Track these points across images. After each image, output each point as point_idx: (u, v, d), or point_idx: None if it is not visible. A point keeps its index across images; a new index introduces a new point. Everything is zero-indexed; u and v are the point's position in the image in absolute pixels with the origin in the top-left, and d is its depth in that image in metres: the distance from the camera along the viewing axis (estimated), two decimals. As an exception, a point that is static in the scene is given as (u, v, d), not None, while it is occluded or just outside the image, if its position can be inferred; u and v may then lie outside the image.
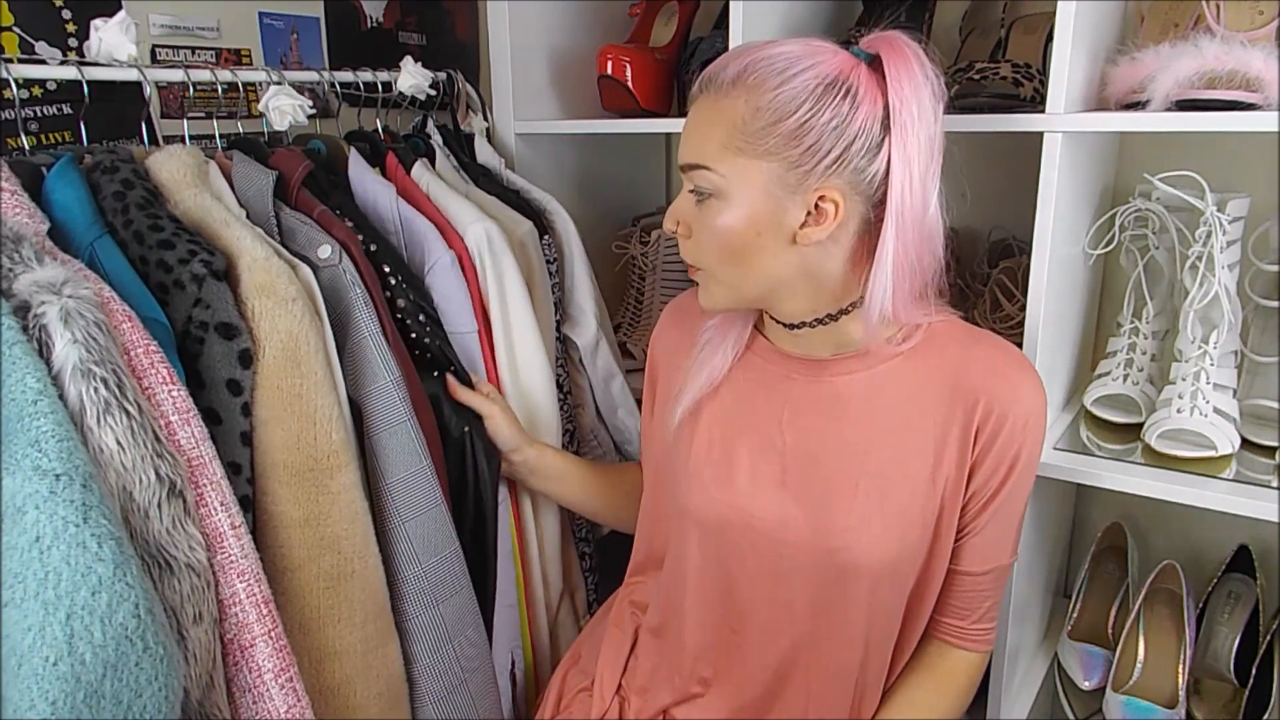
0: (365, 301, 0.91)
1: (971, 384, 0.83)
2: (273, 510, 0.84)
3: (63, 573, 0.63)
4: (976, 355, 0.85)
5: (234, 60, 1.31)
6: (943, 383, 0.84)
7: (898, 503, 0.84)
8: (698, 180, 0.80)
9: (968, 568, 0.89)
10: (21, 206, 0.76)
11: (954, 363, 0.85)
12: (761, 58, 0.78)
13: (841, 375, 0.87)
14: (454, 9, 1.64)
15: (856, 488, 0.84)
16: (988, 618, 0.92)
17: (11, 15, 1.06)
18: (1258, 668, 1.13)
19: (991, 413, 0.83)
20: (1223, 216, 1.00)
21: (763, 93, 0.77)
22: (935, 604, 0.91)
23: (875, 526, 0.84)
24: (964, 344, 0.86)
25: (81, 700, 0.63)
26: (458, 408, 1.01)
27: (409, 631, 0.94)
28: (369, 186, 1.07)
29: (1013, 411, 0.83)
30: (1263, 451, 1.03)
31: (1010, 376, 0.84)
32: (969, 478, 0.85)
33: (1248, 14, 0.96)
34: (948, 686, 0.92)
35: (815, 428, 0.87)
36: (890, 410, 0.85)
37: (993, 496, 0.85)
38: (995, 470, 0.84)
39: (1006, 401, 0.83)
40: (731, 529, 0.88)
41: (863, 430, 0.85)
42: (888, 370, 0.86)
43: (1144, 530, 1.38)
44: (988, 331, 0.88)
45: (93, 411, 0.68)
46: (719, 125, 0.79)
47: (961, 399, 0.83)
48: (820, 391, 0.87)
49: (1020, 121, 0.97)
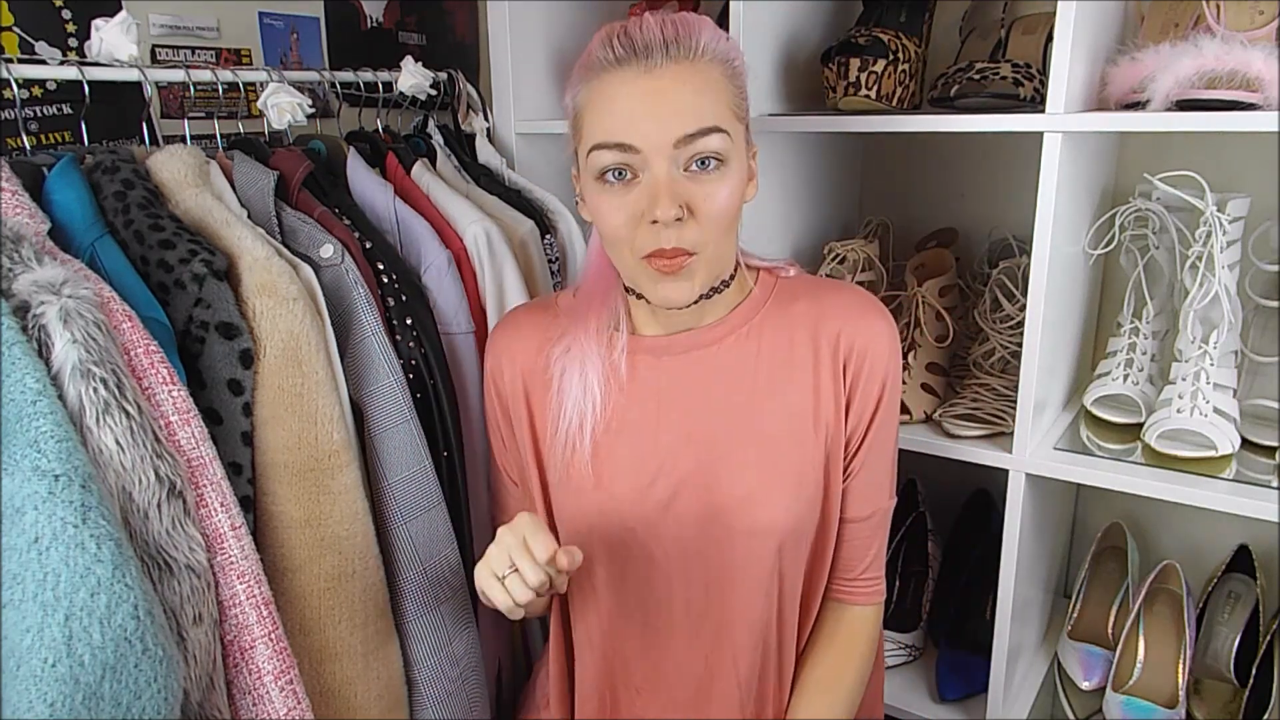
0: (368, 301, 0.91)
1: (831, 328, 0.86)
2: (273, 511, 0.84)
3: (61, 574, 0.63)
4: (830, 301, 0.88)
5: (234, 60, 1.31)
6: (805, 333, 0.86)
7: (789, 459, 0.85)
8: (707, 147, 0.75)
9: (853, 513, 0.90)
10: (22, 206, 0.76)
11: (809, 312, 0.87)
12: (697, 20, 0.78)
13: (714, 344, 0.87)
14: (454, 9, 1.64)
15: (748, 453, 0.85)
16: (874, 567, 0.93)
17: (11, 15, 1.06)
18: (1258, 668, 1.13)
19: (853, 350, 0.86)
20: (1223, 216, 1.00)
21: (730, 54, 0.79)
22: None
23: (772, 488, 0.85)
24: (813, 294, 0.89)
25: (80, 702, 0.62)
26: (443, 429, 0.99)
27: (410, 633, 0.94)
28: (367, 187, 1.07)
29: (872, 346, 0.86)
30: (1263, 451, 1.03)
31: (862, 315, 0.87)
32: (845, 417, 0.87)
33: (1248, 14, 0.96)
34: (851, 649, 0.92)
35: (698, 404, 0.87)
36: (765, 370, 0.86)
37: (866, 432, 0.88)
38: (865, 405, 0.87)
39: (866, 338, 0.86)
40: (632, 532, 0.87)
41: (744, 394, 0.86)
42: (754, 330, 0.87)
43: (1144, 530, 1.38)
44: (828, 278, 0.91)
45: (92, 412, 0.68)
46: (709, 88, 0.76)
47: (825, 344, 0.86)
48: (698, 365, 0.87)
49: (1020, 121, 0.97)
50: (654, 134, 0.74)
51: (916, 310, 1.24)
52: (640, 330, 0.89)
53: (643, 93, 0.75)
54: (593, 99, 0.77)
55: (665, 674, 0.91)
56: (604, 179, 0.77)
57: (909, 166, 1.46)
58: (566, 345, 0.88)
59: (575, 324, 0.88)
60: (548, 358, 0.89)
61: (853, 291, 0.90)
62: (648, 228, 0.76)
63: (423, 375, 0.97)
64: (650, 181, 0.75)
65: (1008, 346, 1.20)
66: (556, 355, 0.88)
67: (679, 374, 0.87)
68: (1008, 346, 1.20)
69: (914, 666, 1.32)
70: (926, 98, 1.16)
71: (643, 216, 0.76)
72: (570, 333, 0.88)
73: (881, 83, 1.10)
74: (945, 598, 1.37)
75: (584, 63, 0.79)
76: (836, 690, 0.91)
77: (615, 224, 0.77)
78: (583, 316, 0.88)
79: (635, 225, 0.77)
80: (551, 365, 0.89)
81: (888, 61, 1.10)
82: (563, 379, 0.87)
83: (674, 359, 0.88)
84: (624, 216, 0.77)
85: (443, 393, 0.99)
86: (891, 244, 1.40)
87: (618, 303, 0.89)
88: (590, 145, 0.77)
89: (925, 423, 1.19)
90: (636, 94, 0.75)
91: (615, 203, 0.77)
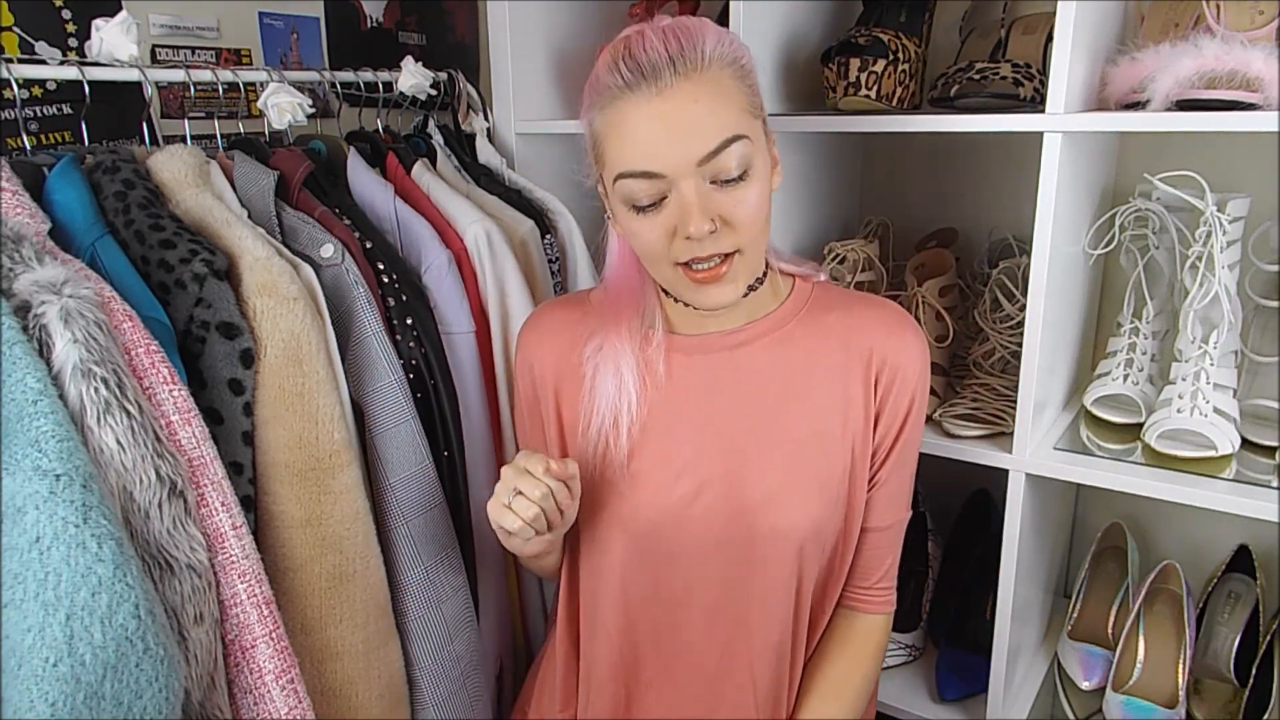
0: (368, 301, 0.91)
1: (863, 340, 0.87)
2: (274, 510, 0.84)
3: (63, 573, 0.63)
4: (862, 313, 0.89)
5: (234, 60, 1.31)
6: (837, 342, 0.88)
7: (814, 464, 0.86)
8: (734, 157, 0.75)
9: (873, 523, 0.91)
10: (23, 206, 0.76)
11: (842, 322, 0.88)
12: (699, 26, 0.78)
13: (746, 344, 0.88)
14: (454, 9, 1.64)
15: (774, 455, 0.86)
16: (889, 576, 0.95)
17: (11, 15, 1.06)
18: (1258, 668, 1.13)
19: (885, 363, 0.87)
20: (1223, 216, 1.00)
21: (737, 54, 0.78)
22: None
23: (796, 490, 0.85)
24: (847, 305, 0.90)
25: (81, 701, 0.62)
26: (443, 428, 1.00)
27: (411, 632, 0.94)
28: (367, 187, 1.07)
29: (903, 361, 0.87)
30: (1263, 451, 1.03)
31: (897, 330, 0.88)
32: (874, 429, 0.88)
33: (1248, 14, 0.96)
34: (861, 656, 0.94)
35: (727, 404, 0.87)
36: (795, 374, 0.87)
37: (893, 445, 0.89)
38: (894, 419, 0.88)
39: (897, 352, 0.87)
40: (655, 526, 0.87)
41: (773, 397, 0.87)
42: (786, 335, 0.88)
43: (1144, 530, 1.38)
44: (861, 292, 0.91)
45: (93, 411, 0.68)
46: (722, 96, 0.76)
47: (858, 355, 0.87)
48: (729, 366, 0.88)
49: (1020, 121, 0.97)
50: (676, 157, 0.74)
51: (916, 310, 1.24)
52: (674, 329, 0.90)
53: (658, 116, 0.75)
54: (610, 127, 0.77)
55: (678, 669, 0.91)
56: (634, 205, 0.78)
57: (909, 166, 1.46)
58: (599, 343, 0.88)
59: (608, 322, 0.89)
60: (580, 355, 0.89)
61: (887, 306, 0.91)
62: (683, 240, 0.77)
63: (423, 375, 0.97)
64: (679, 200, 0.76)
65: (1008, 346, 1.20)
66: (589, 353, 0.88)
67: (710, 373, 0.88)
68: (1008, 346, 1.20)
69: (914, 666, 1.32)
70: (926, 98, 1.16)
71: (676, 233, 0.77)
72: (602, 330, 0.88)
73: (881, 83, 1.10)
74: (945, 598, 1.37)
75: (593, 86, 0.79)
76: (844, 696, 0.92)
77: (650, 242, 0.79)
78: (615, 314, 0.89)
79: (670, 241, 0.78)
80: (585, 363, 0.89)
81: (888, 61, 1.10)
82: (596, 377, 0.88)
83: (706, 358, 0.88)
84: (658, 234, 0.78)
85: (443, 393, 0.99)
86: (891, 244, 1.40)
87: (652, 300, 0.90)
88: (615, 174, 0.78)
89: (925, 423, 1.18)
90: (652, 119, 0.75)
91: (648, 224, 0.78)
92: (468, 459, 1.03)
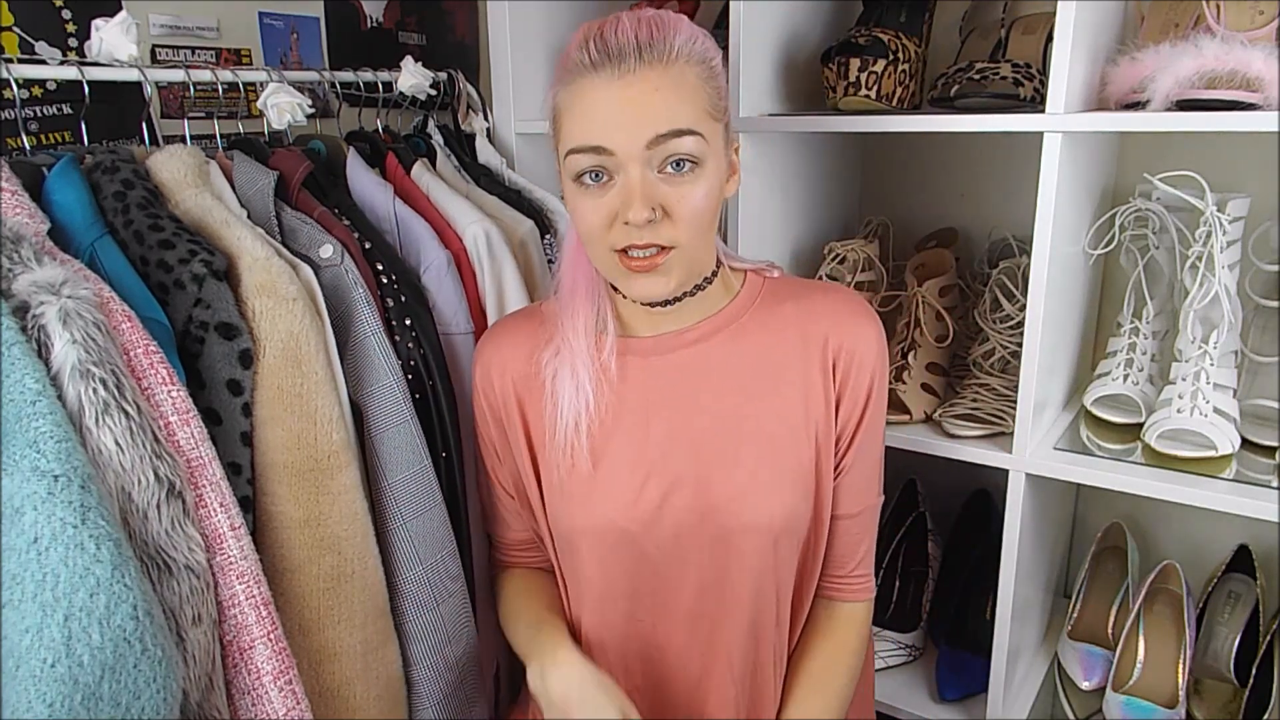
0: (367, 301, 0.91)
1: (819, 329, 0.88)
2: (273, 511, 0.84)
3: (61, 574, 0.63)
4: (816, 302, 0.89)
5: (234, 60, 1.31)
6: (793, 332, 0.88)
7: (781, 455, 0.86)
8: (679, 149, 0.76)
9: (843, 510, 0.91)
10: (22, 207, 0.76)
11: (797, 312, 0.89)
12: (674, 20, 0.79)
13: (701, 341, 0.88)
14: (454, 9, 1.64)
15: (740, 450, 0.86)
16: (865, 563, 0.95)
17: (11, 15, 1.06)
18: (1258, 668, 1.13)
19: (841, 349, 0.87)
20: (1223, 216, 1.00)
21: (707, 54, 0.79)
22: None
23: (765, 484, 0.85)
24: (800, 295, 0.90)
25: (79, 702, 0.62)
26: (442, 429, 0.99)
27: (409, 633, 0.94)
28: (366, 187, 1.07)
29: (859, 346, 0.88)
30: (1263, 451, 1.03)
31: (850, 316, 0.88)
32: (835, 416, 0.88)
33: (1248, 14, 0.96)
34: (844, 645, 0.94)
35: (689, 403, 0.87)
36: (753, 367, 0.87)
37: (855, 430, 0.89)
38: (855, 404, 0.89)
39: (853, 338, 0.88)
40: (627, 533, 0.87)
41: (734, 392, 0.87)
42: (741, 329, 0.88)
43: (1144, 530, 1.38)
44: (813, 280, 0.92)
45: (91, 412, 0.68)
46: (683, 90, 0.77)
47: (814, 344, 0.88)
48: (687, 364, 0.88)
49: (1020, 121, 0.97)
50: (626, 137, 0.76)
51: (916, 310, 1.24)
52: (628, 330, 0.90)
53: (616, 98, 0.76)
54: (570, 103, 0.79)
55: (663, 672, 0.91)
56: (581, 181, 0.79)
57: (909, 166, 1.46)
58: (556, 348, 0.89)
59: (563, 326, 0.89)
60: (538, 363, 0.90)
61: (840, 292, 0.92)
62: (621, 226, 0.78)
63: (422, 375, 0.97)
64: (624, 183, 0.77)
65: (1008, 346, 1.20)
66: (547, 359, 0.89)
67: (667, 374, 0.88)
68: (1008, 346, 1.20)
69: (914, 666, 1.32)
70: (926, 98, 1.16)
71: (617, 217, 0.78)
72: (558, 335, 0.89)
73: (881, 83, 1.10)
74: (945, 598, 1.37)
75: (563, 63, 0.81)
76: (830, 687, 0.92)
77: (591, 223, 0.79)
78: (569, 318, 0.89)
79: (609, 225, 0.79)
80: (543, 369, 0.89)
81: (888, 61, 1.10)
82: (555, 381, 0.88)
83: (661, 359, 0.88)
84: (599, 217, 0.79)
85: (442, 393, 0.99)
86: (891, 244, 1.40)
87: (603, 303, 0.90)
88: (567, 149, 0.79)
89: (925, 423, 1.18)
90: (610, 99, 0.76)
91: (591, 204, 0.79)
92: (466, 460, 1.03)
